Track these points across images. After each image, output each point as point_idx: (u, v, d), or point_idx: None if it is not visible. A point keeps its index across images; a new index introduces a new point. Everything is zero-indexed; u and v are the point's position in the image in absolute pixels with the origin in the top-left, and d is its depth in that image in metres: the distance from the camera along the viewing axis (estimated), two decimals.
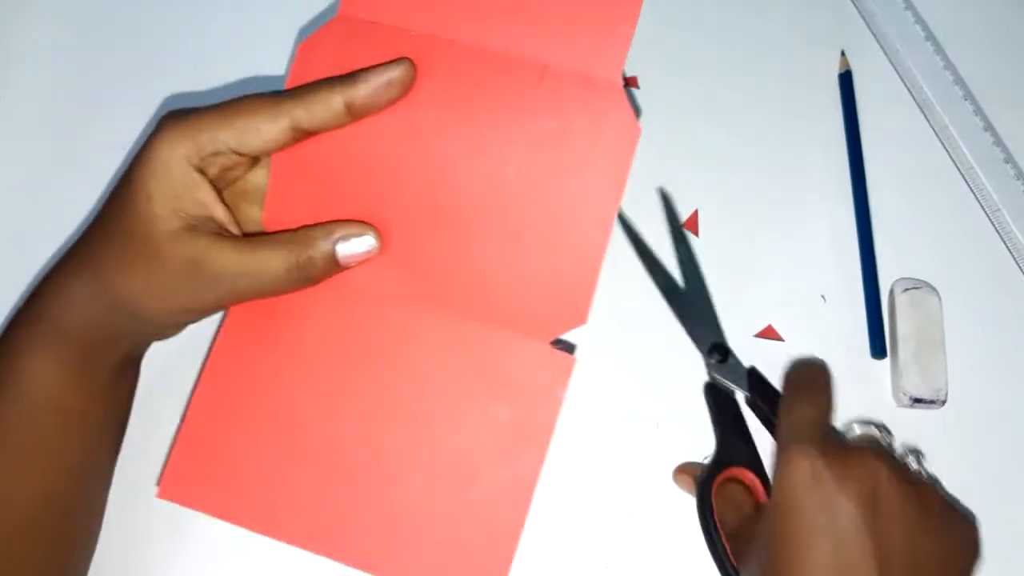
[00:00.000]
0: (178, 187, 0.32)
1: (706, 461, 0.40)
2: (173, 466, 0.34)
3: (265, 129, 0.32)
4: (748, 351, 0.43)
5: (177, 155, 0.32)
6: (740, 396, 0.41)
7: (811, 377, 0.35)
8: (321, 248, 0.33)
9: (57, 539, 0.36)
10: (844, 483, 0.29)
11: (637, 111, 0.49)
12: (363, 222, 0.33)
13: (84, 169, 0.49)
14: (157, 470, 0.39)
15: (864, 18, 0.52)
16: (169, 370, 0.41)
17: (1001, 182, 0.47)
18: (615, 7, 0.32)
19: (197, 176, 0.32)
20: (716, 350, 0.41)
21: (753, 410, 0.40)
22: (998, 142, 0.47)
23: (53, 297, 0.35)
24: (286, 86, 0.34)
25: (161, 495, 0.35)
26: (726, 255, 0.46)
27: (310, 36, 0.34)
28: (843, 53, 0.50)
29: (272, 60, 0.52)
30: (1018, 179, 0.47)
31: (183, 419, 0.35)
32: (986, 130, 0.48)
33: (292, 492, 0.33)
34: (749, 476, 0.39)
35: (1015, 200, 0.46)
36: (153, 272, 0.32)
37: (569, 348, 0.41)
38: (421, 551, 0.32)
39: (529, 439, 0.32)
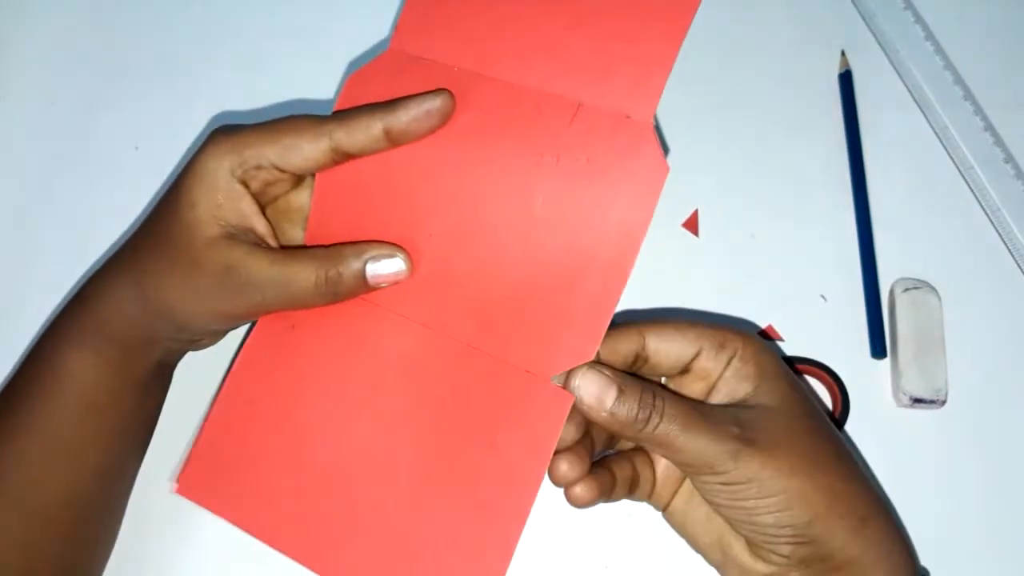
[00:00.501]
0: (221, 196, 0.33)
1: None
2: (193, 464, 0.35)
3: (307, 148, 0.33)
4: None
5: (223, 166, 0.33)
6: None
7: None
8: (351, 266, 0.34)
9: (78, 539, 0.37)
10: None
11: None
12: (395, 244, 0.34)
13: (84, 169, 0.50)
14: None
15: (864, 18, 0.52)
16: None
17: (1001, 182, 0.47)
18: (652, 52, 0.33)
19: (239, 188, 0.34)
20: None
21: None
22: (998, 142, 0.48)
23: (98, 298, 0.36)
24: (332, 110, 0.35)
25: (179, 491, 0.36)
26: (726, 255, 0.46)
27: (361, 68, 0.35)
28: (843, 53, 0.50)
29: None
30: (1018, 179, 0.47)
31: (205, 420, 0.36)
32: (986, 130, 0.48)
33: (299, 505, 0.34)
34: None
35: (1015, 200, 0.46)
36: (190, 276, 0.34)
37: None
38: (416, 569, 0.33)
39: (526, 467, 0.33)
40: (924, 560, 0.39)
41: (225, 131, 0.34)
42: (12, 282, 0.47)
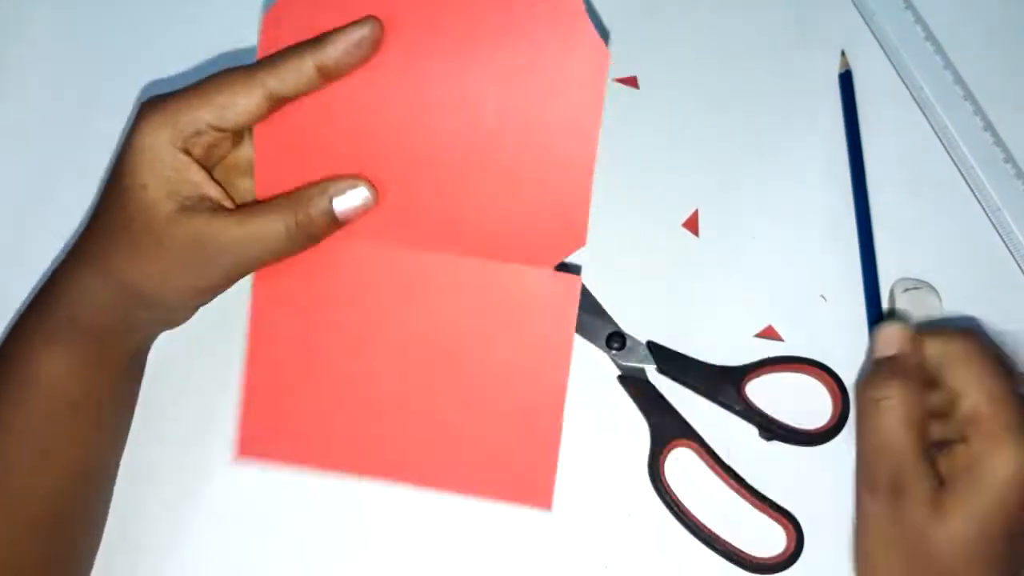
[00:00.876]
0: (168, 171, 0.32)
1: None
2: (245, 426, 0.36)
3: (242, 103, 0.32)
4: (747, 351, 0.44)
5: (161, 140, 0.32)
6: (650, 373, 0.42)
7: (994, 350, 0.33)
8: (319, 205, 0.33)
9: (63, 538, 0.36)
10: None
11: (638, 111, 0.49)
12: (355, 176, 0.34)
13: (84, 169, 0.50)
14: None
15: (864, 18, 0.52)
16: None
17: (1001, 182, 0.47)
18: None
19: (184, 158, 0.33)
20: (613, 339, 0.42)
21: (667, 376, 0.42)
22: (998, 142, 0.47)
23: (64, 292, 0.35)
24: (256, 57, 0.34)
25: (241, 454, 0.37)
26: (726, 255, 0.46)
27: (274, 6, 0.34)
28: (843, 53, 0.50)
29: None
30: (1018, 179, 0.47)
31: (243, 383, 0.37)
32: (986, 130, 0.48)
33: (352, 429, 0.36)
34: (693, 446, 0.41)
35: (1015, 200, 0.46)
36: (158, 257, 0.33)
37: (575, 269, 0.40)
38: (474, 465, 0.36)
39: (551, 355, 0.35)
40: None
41: (154, 103, 0.33)
42: (12, 282, 0.47)
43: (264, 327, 0.37)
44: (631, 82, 0.50)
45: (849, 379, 0.43)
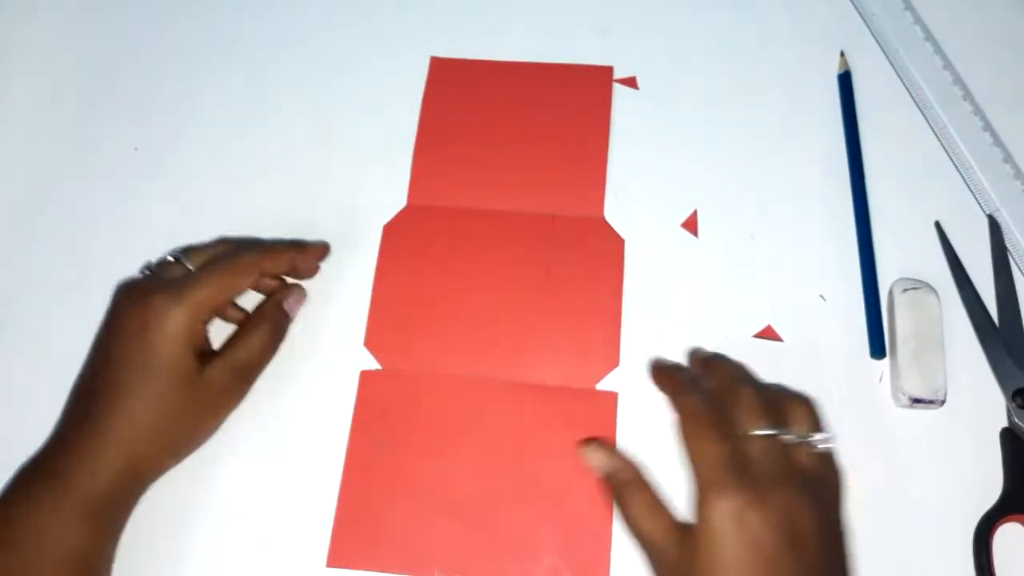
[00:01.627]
0: (192, 344, 0.39)
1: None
2: (337, 538, 0.41)
3: (245, 284, 0.42)
4: (747, 351, 0.44)
5: (185, 329, 0.39)
6: None
7: (706, 410, 0.37)
8: (279, 312, 0.43)
9: None
10: (765, 521, 0.33)
11: (637, 111, 0.49)
12: (295, 285, 0.45)
13: (83, 170, 0.50)
14: None
15: (863, 18, 0.52)
16: None
17: (1000, 182, 0.47)
18: (591, 175, 0.48)
19: (203, 329, 0.41)
20: (1020, 395, 0.41)
21: None
22: (997, 142, 0.48)
23: (80, 466, 0.37)
24: (377, 260, 0.47)
25: (331, 565, 0.41)
26: (725, 255, 0.46)
27: (389, 221, 0.47)
28: (842, 54, 0.50)
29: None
30: (1017, 179, 0.47)
31: (339, 497, 0.42)
32: (985, 130, 0.48)
33: (428, 532, 0.41)
34: None
35: (1014, 200, 0.46)
36: (191, 405, 0.39)
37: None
38: (535, 565, 0.40)
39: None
40: (925, 560, 0.40)
41: (168, 294, 0.39)
42: (12, 282, 0.47)
43: (357, 448, 0.43)
44: (631, 83, 0.50)
45: (848, 379, 0.43)
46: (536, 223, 0.47)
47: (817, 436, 0.36)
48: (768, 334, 0.44)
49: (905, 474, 0.41)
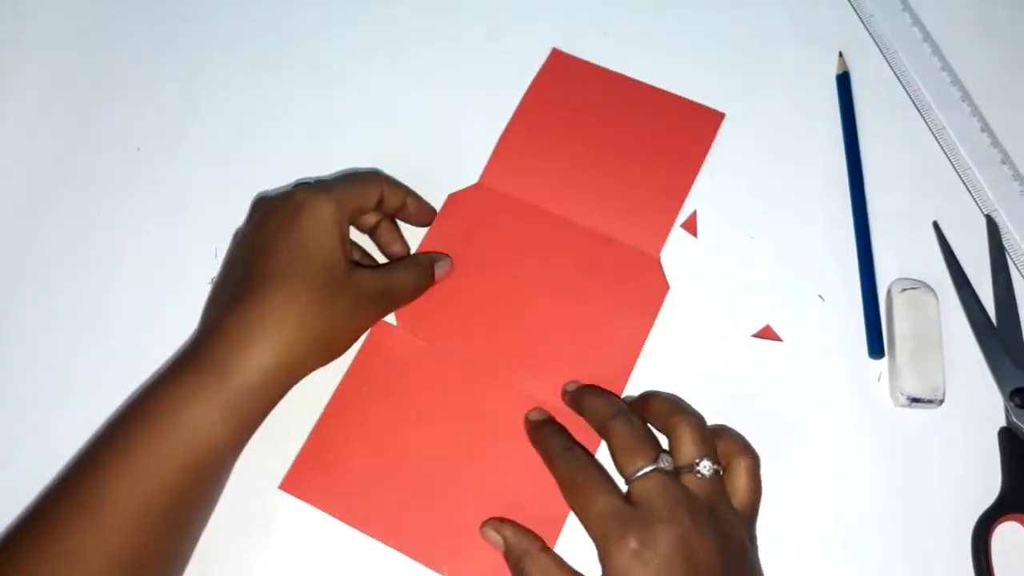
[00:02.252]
0: (342, 237, 0.40)
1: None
2: (297, 465, 0.42)
3: (374, 195, 0.43)
4: (746, 351, 0.44)
5: (336, 215, 0.40)
6: None
7: (582, 469, 0.37)
8: (427, 266, 0.44)
9: (180, 529, 0.37)
10: (664, 560, 0.33)
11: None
12: (444, 254, 0.45)
13: (85, 170, 0.50)
14: None
15: (862, 19, 0.52)
16: None
17: (998, 182, 0.47)
18: (664, 206, 0.47)
19: (348, 227, 0.41)
20: (1018, 395, 0.41)
21: None
22: (995, 143, 0.48)
23: (234, 356, 0.37)
24: (430, 227, 0.47)
25: (283, 487, 0.41)
26: (725, 255, 0.46)
27: (455, 192, 0.48)
28: (840, 54, 0.50)
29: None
30: (1015, 179, 0.47)
31: (312, 430, 0.42)
32: (983, 131, 0.48)
33: (384, 497, 0.41)
34: None
35: (1012, 200, 0.46)
36: (342, 301, 0.39)
37: None
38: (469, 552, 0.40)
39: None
40: (923, 559, 0.40)
41: (317, 189, 0.40)
42: (12, 283, 0.47)
43: (347, 394, 0.43)
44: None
45: (847, 379, 0.43)
46: (591, 240, 0.46)
47: (701, 464, 0.36)
48: (767, 334, 0.44)
49: (904, 474, 0.41)
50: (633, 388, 0.43)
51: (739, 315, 0.45)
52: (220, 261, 0.46)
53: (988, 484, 0.41)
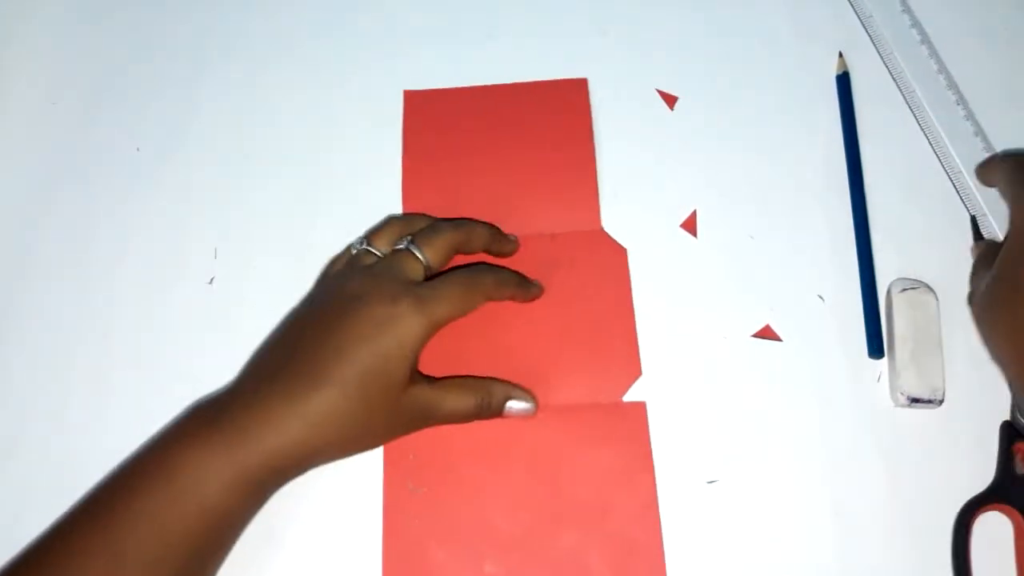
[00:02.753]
0: (418, 351, 0.38)
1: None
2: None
3: (478, 305, 0.41)
4: (746, 351, 0.44)
5: (423, 330, 0.38)
6: None
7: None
8: (498, 398, 0.41)
9: None
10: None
11: (636, 112, 0.50)
12: (528, 391, 0.42)
13: (85, 171, 0.50)
14: None
15: (861, 20, 0.52)
16: None
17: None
18: (579, 181, 0.48)
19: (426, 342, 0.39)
20: None
21: None
22: (988, 148, 0.48)
23: (259, 424, 0.36)
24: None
25: None
26: (724, 256, 0.46)
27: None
28: (840, 55, 0.50)
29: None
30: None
31: (383, 553, 0.40)
32: (976, 135, 0.48)
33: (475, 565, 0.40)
34: (1015, 516, 0.39)
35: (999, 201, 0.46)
36: (386, 413, 0.38)
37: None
38: None
39: (637, 472, 0.41)
40: (923, 559, 0.40)
41: (415, 293, 0.38)
42: (12, 283, 0.47)
43: (393, 497, 0.41)
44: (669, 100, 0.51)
45: (846, 379, 0.43)
46: (537, 244, 0.46)
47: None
48: (767, 334, 0.44)
49: (903, 474, 0.41)
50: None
51: (739, 315, 0.45)
52: (220, 261, 0.47)
53: (987, 485, 0.41)
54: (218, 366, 0.43)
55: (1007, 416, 0.42)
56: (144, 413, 0.42)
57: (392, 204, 0.48)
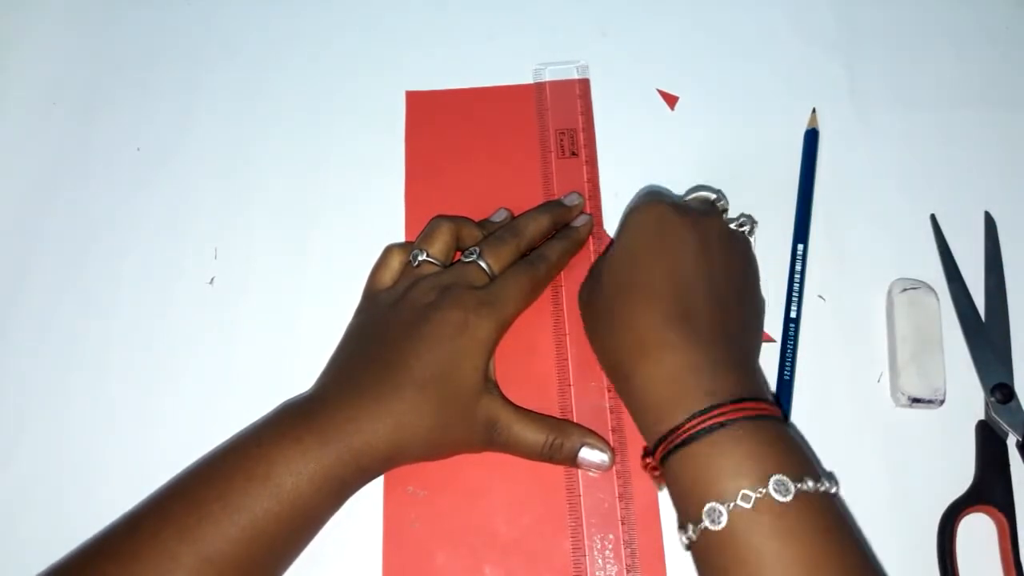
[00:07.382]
0: (489, 357, 0.40)
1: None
2: None
3: (531, 300, 0.43)
4: None
5: (495, 333, 0.40)
6: (1012, 441, 0.41)
7: None
8: (572, 442, 0.40)
9: None
10: (684, 226, 0.39)
11: (635, 113, 0.50)
12: (606, 442, 0.41)
13: (85, 170, 0.50)
14: None
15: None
16: None
17: (996, 180, 0.47)
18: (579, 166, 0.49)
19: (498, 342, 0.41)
20: (999, 390, 0.41)
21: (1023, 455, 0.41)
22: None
23: (347, 425, 0.37)
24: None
25: None
26: None
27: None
28: (814, 111, 0.49)
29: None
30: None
31: (383, 558, 0.40)
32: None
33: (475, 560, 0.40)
34: (998, 517, 0.39)
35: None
36: (458, 419, 0.39)
37: None
38: None
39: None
40: (923, 559, 0.39)
41: (485, 315, 0.39)
42: (12, 282, 0.47)
43: (393, 501, 0.41)
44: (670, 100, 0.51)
45: (846, 379, 0.43)
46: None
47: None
48: (764, 336, 0.44)
49: (904, 474, 0.41)
50: None
51: None
52: (220, 261, 0.47)
53: None
54: (218, 366, 0.43)
55: (985, 411, 0.42)
56: (144, 412, 0.43)
57: (394, 205, 0.48)
